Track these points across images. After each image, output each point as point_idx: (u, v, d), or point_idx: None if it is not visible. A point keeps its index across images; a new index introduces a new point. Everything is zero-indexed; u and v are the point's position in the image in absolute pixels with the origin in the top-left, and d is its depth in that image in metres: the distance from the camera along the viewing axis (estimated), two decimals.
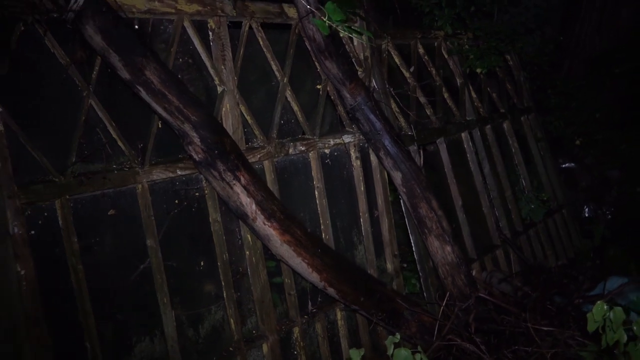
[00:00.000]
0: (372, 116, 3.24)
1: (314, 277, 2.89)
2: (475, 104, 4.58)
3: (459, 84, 4.44)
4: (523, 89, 5.24)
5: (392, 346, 2.07)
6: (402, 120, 3.78)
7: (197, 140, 2.40)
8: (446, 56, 4.36)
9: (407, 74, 3.93)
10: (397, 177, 3.32)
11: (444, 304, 3.28)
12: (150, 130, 2.52)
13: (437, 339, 3.00)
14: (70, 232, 2.27)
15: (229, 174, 2.52)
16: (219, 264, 2.80)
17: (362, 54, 3.55)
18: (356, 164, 3.52)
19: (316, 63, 3.21)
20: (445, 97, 4.25)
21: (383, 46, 3.78)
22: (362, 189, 3.53)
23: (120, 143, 2.43)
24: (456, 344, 2.96)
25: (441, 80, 4.20)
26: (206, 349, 2.75)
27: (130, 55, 2.19)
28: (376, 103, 3.31)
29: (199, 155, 2.46)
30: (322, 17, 2.33)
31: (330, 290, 2.97)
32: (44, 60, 2.23)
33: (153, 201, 2.55)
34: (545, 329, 2.82)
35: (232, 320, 2.84)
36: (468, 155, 4.36)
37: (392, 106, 3.73)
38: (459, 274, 3.38)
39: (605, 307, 1.61)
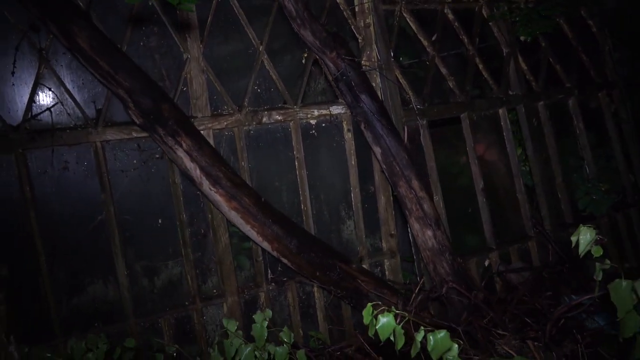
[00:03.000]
0: (354, 87, 3.09)
1: (265, 245, 2.93)
2: (527, 76, 4.06)
3: (504, 54, 3.96)
4: (606, 61, 4.48)
5: (264, 321, 2.06)
6: (410, 92, 3.52)
7: (132, 105, 2.56)
8: (490, 23, 3.92)
9: (425, 43, 3.63)
10: (377, 152, 3.14)
11: (416, 291, 3.10)
12: (106, 94, 2.74)
13: None
14: (24, 182, 2.60)
15: (169, 138, 2.65)
16: (177, 223, 2.97)
17: (362, 22, 3.37)
18: (348, 136, 3.39)
19: None
20: (480, 68, 3.84)
21: (396, 12, 3.53)
22: (353, 162, 3.41)
23: (74, 105, 2.69)
24: None
25: (475, 50, 3.80)
26: (160, 299, 2.97)
27: (64, 24, 2.40)
28: (361, 73, 3.14)
29: (139, 120, 2.62)
30: None
31: (285, 261, 2.98)
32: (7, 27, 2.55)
33: (108, 159, 2.79)
34: (498, 332, 2.51)
35: (188, 277, 3.01)
36: (505, 133, 3.91)
37: (400, 77, 3.50)
38: (441, 261, 3.13)
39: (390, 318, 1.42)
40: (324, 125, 3.36)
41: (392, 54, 3.46)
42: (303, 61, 3.26)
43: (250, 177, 3.13)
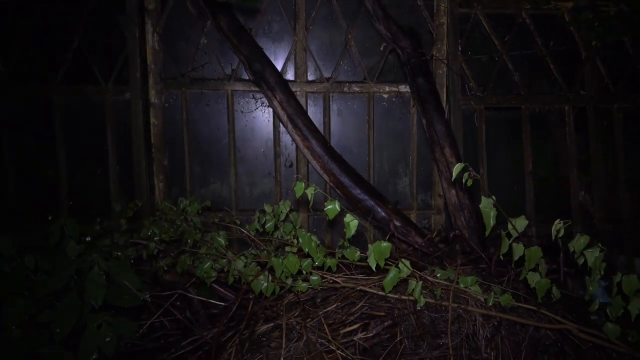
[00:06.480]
0: (412, 71, 4.02)
1: (325, 177, 4.07)
2: (605, 80, 4.41)
3: (583, 57, 4.39)
4: None
5: (283, 206, 3.25)
6: (472, 81, 4.27)
7: (248, 67, 3.92)
8: (571, 28, 4.38)
9: (497, 42, 4.31)
10: (424, 123, 4.03)
11: (433, 235, 3.94)
12: (237, 59, 4.16)
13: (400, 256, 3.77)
14: (184, 109, 4.17)
15: (269, 92, 3.96)
16: (273, 153, 4.29)
17: (437, 21, 4.23)
18: (412, 110, 4.31)
19: None
20: (552, 67, 4.36)
21: (472, 15, 4.29)
22: (414, 131, 4.32)
23: (218, 64, 4.16)
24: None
25: (548, 51, 4.33)
26: (255, 203, 4.33)
27: (214, 13, 3.86)
28: (422, 61, 4.04)
29: (252, 77, 3.98)
30: None
31: (338, 192, 4.08)
32: (186, 13, 4.12)
33: (235, 102, 4.22)
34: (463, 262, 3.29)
35: (276, 192, 4.33)
36: (567, 128, 4.37)
37: (465, 68, 4.28)
38: (460, 216, 3.90)
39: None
40: (393, 99, 4.34)
41: (460, 48, 4.25)
42: (381, 48, 4.27)
43: (330, 131, 4.29)
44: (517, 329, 2.76)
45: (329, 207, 2.54)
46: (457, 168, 2.51)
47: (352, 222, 2.55)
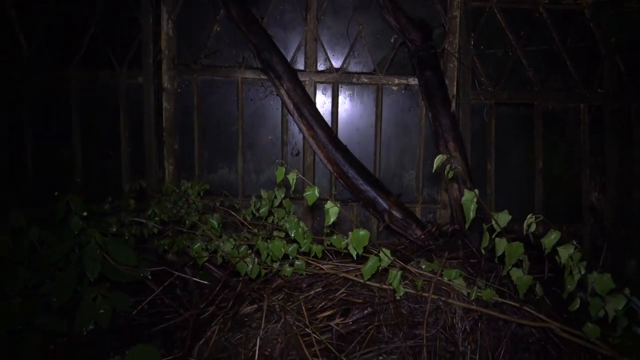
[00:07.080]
0: (421, 65, 3.99)
1: (329, 167, 4.10)
2: (624, 78, 4.27)
3: (602, 54, 4.25)
4: None
5: (278, 192, 3.31)
6: (484, 76, 4.21)
7: (256, 55, 3.99)
8: (591, 24, 4.25)
9: (511, 36, 4.23)
10: (430, 116, 4.00)
11: (433, 229, 3.92)
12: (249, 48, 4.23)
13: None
14: (195, 95, 4.28)
15: (276, 80, 4.01)
16: (280, 141, 4.35)
17: (450, 14, 4.18)
18: (421, 103, 4.29)
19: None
20: (568, 65, 4.24)
21: (486, 8, 4.22)
22: (423, 124, 4.30)
23: (229, 52, 4.24)
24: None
25: (564, 47, 4.22)
26: (260, 189, 4.39)
27: (226, 2, 3.94)
28: (431, 54, 4.00)
29: (260, 65, 4.05)
30: None
31: (341, 182, 4.11)
32: (201, 1, 4.22)
33: (245, 90, 4.30)
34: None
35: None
36: (581, 126, 4.26)
37: (477, 63, 4.22)
38: (461, 211, 3.86)
39: None
40: (402, 92, 4.32)
41: (472, 42, 4.19)
42: (392, 40, 4.25)
43: (338, 121, 4.32)
44: (499, 324, 2.74)
45: (308, 193, 2.57)
46: (437, 160, 2.50)
47: (332, 209, 2.58)
